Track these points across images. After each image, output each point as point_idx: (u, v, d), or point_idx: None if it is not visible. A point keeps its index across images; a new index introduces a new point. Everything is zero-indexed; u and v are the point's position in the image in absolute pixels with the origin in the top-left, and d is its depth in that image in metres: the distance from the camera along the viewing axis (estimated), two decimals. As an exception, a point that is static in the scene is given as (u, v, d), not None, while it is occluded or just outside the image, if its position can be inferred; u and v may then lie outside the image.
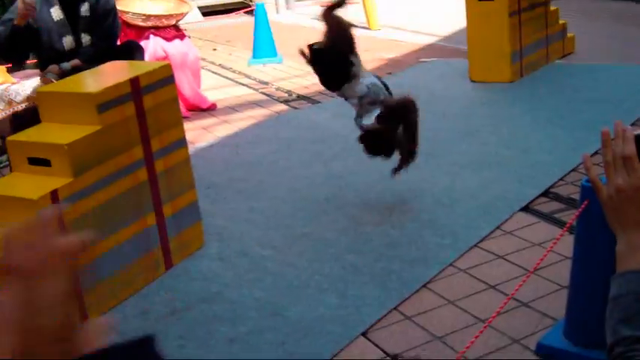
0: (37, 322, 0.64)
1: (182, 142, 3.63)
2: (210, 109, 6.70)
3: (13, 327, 0.63)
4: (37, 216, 0.67)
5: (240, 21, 12.72)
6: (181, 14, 6.77)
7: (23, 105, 6.23)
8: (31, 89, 6.31)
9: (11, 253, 0.65)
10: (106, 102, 3.23)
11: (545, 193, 4.21)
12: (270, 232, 3.97)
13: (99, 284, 3.20)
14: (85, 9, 4.50)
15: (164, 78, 3.51)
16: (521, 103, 5.86)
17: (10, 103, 6.14)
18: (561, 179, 4.37)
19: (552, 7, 7.01)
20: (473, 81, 6.49)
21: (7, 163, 5.35)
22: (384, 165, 4.11)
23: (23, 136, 3.39)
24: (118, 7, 7.12)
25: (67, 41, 4.50)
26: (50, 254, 0.66)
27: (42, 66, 4.81)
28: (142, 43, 6.95)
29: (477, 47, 6.49)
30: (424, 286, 3.35)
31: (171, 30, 6.72)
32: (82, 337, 0.67)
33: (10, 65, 7.37)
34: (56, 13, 4.46)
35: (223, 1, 14.60)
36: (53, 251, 0.66)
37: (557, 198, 4.17)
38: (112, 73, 3.65)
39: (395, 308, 3.19)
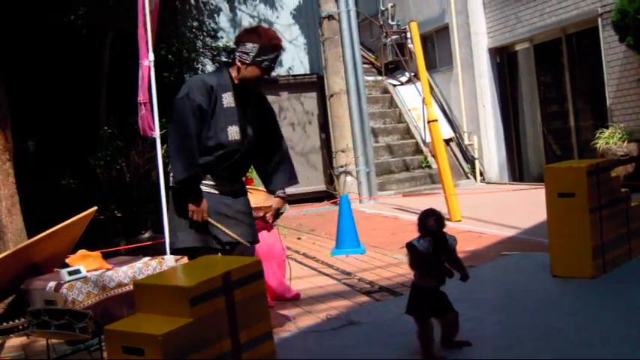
0: None
1: (268, 336, 3.77)
2: (294, 299, 6.85)
3: None
4: None
5: (324, 209, 13.09)
6: (270, 207, 7.04)
7: (116, 291, 6.50)
8: (124, 276, 6.61)
9: None
10: (198, 295, 3.41)
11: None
12: None
13: None
14: (255, 100, 4.67)
15: (254, 273, 3.70)
16: (603, 299, 5.83)
17: (104, 288, 6.42)
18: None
19: (634, 203, 7.07)
20: (555, 276, 6.50)
21: (98, 347, 5.55)
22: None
23: (120, 325, 3.57)
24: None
25: (233, 131, 4.60)
26: None
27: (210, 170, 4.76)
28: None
29: (559, 242, 6.54)
30: None
31: (259, 222, 6.98)
32: None
33: (104, 251, 7.74)
34: (228, 99, 4.58)
35: (309, 189, 15.08)
36: None
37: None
38: (204, 267, 3.85)
39: None
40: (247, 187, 5.27)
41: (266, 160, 5.09)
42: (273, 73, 16.68)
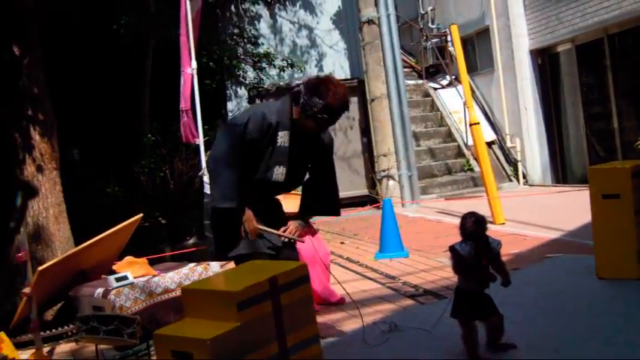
0: None
1: (315, 339, 3.81)
2: (339, 303, 6.88)
3: None
4: None
5: (366, 214, 13.09)
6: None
7: (163, 297, 6.59)
8: (171, 282, 6.69)
9: None
10: (245, 300, 3.46)
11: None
12: None
13: None
14: (312, 138, 4.59)
15: (300, 277, 3.74)
16: (651, 300, 5.79)
17: (150, 294, 6.51)
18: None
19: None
20: (600, 278, 6.46)
21: (146, 352, 5.63)
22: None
23: (168, 330, 3.63)
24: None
25: (278, 172, 4.51)
26: None
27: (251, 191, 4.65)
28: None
29: (604, 244, 6.49)
30: None
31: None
32: None
33: (150, 257, 7.84)
34: (283, 138, 4.47)
35: (351, 194, 15.10)
36: None
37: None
38: (251, 272, 3.90)
39: None
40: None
41: (312, 192, 5.02)
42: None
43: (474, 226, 4.48)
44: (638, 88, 13.71)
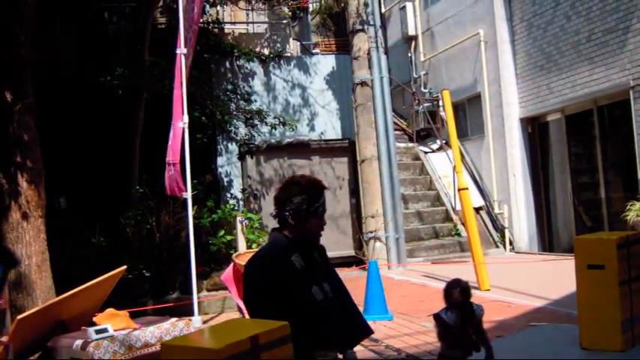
0: None
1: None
2: None
3: None
4: None
5: (352, 275, 13.04)
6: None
7: (143, 351, 6.51)
8: (151, 336, 6.62)
9: None
10: (226, 358, 3.41)
11: None
12: None
13: None
14: (316, 255, 4.34)
15: (282, 337, 3.70)
16: (634, 374, 5.75)
17: (130, 348, 6.44)
18: None
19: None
20: (583, 348, 6.42)
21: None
22: None
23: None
24: (237, 262, 7.54)
25: (315, 292, 4.18)
26: None
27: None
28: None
29: (587, 314, 6.46)
30: None
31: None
32: None
33: (132, 310, 7.76)
34: (298, 260, 4.19)
35: (338, 254, 15.04)
36: None
37: None
38: (232, 329, 3.86)
39: None
40: None
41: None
42: (305, 138, 16.93)
43: (461, 296, 4.47)
44: (625, 159, 13.82)
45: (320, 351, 4.08)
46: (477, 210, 16.49)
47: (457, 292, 4.45)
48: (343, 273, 13.14)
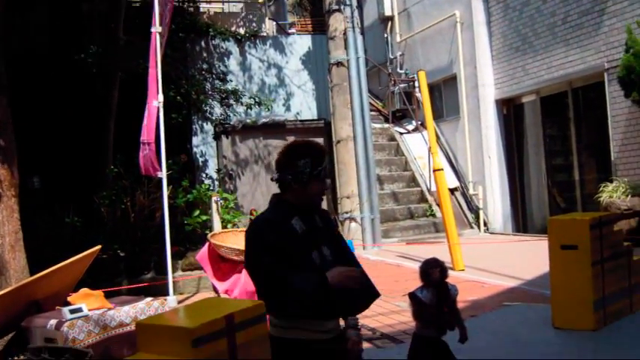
0: None
1: (269, 380, 3.76)
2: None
3: None
4: None
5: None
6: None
7: (117, 331, 6.50)
8: (126, 316, 6.61)
9: None
10: (200, 337, 3.41)
11: None
12: None
13: None
14: (318, 219, 4.19)
15: (257, 316, 3.70)
16: (603, 352, 5.82)
17: (105, 327, 6.42)
18: None
19: (636, 257, 7.08)
20: (556, 327, 6.49)
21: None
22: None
23: (120, 365, 3.57)
24: (213, 242, 7.51)
25: (315, 256, 4.07)
26: None
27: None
28: (235, 277, 7.27)
29: (560, 294, 6.55)
30: None
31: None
32: None
33: (107, 290, 7.73)
34: (299, 224, 4.08)
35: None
36: None
37: None
38: (207, 308, 3.85)
39: None
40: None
41: None
42: (281, 118, 16.89)
43: (440, 275, 4.49)
44: (599, 141, 13.93)
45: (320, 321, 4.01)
46: (452, 191, 16.56)
47: (437, 272, 4.48)
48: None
